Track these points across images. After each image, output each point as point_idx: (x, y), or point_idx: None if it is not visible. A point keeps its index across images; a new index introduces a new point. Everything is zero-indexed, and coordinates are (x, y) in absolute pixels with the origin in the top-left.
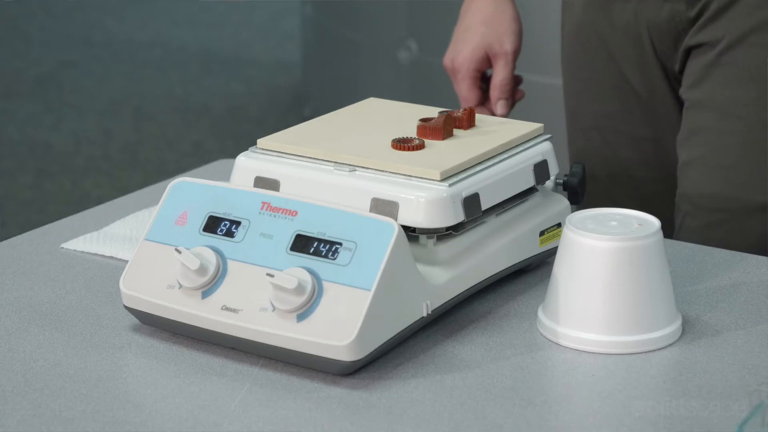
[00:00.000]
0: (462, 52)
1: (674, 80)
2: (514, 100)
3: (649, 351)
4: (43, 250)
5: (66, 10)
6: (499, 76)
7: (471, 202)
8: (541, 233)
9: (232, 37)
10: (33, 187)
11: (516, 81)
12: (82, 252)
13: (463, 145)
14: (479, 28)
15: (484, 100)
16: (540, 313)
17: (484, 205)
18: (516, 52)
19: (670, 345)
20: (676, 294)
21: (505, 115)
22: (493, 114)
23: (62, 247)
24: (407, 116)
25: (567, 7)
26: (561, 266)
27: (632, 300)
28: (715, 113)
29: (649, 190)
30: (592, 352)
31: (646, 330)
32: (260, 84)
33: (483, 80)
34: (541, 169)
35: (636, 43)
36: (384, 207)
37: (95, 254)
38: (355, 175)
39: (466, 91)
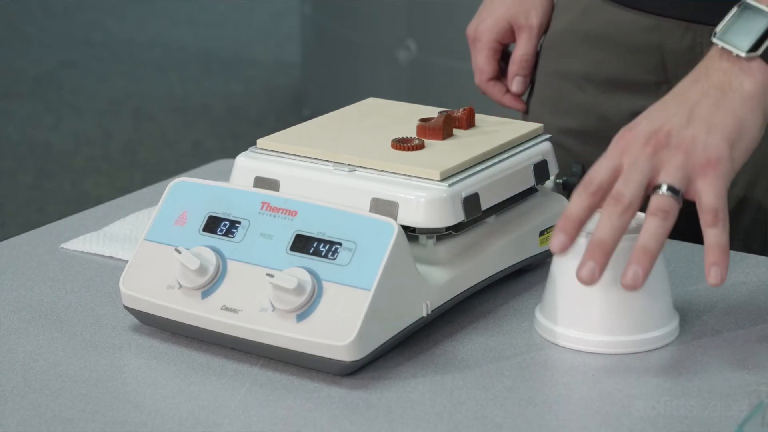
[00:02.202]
0: (485, 21)
1: None
2: (533, 80)
3: (647, 351)
4: (42, 250)
5: (66, 10)
6: (521, 50)
7: (471, 202)
8: (541, 233)
9: (232, 37)
10: (33, 187)
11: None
12: (82, 252)
13: (462, 145)
14: None
15: (500, 76)
16: (537, 313)
17: (484, 205)
18: (542, 28)
19: (667, 345)
20: (676, 294)
21: (521, 94)
22: (507, 91)
23: (62, 247)
24: (407, 116)
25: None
26: (558, 266)
27: (630, 300)
28: None
29: None
30: (589, 352)
31: (644, 330)
32: (260, 84)
33: (503, 57)
34: (541, 169)
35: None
36: (384, 207)
37: (95, 254)
38: (354, 175)
39: (482, 62)
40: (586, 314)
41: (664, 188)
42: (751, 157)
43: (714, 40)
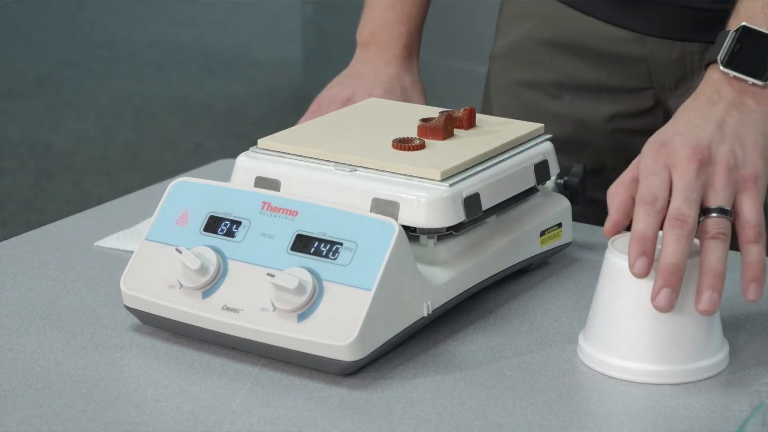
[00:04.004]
0: (339, 95)
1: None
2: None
3: (699, 380)
4: (43, 250)
5: (66, 10)
6: None
7: (472, 202)
8: (542, 233)
9: (232, 37)
10: (33, 187)
11: None
12: (117, 250)
13: (463, 145)
14: (370, 84)
15: None
16: (581, 341)
17: (485, 205)
18: None
19: (718, 373)
20: None
21: None
22: None
23: (96, 245)
24: (407, 116)
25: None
26: (607, 294)
27: (682, 325)
28: None
29: None
30: (643, 383)
31: (698, 357)
32: (260, 84)
33: None
34: (541, 169)
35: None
36: (384, 207)
37: (127, 251)
38: (355, 175)
39: None
40: (636, 343)
41: (717, 210)
42: None
43: (722, 69)
